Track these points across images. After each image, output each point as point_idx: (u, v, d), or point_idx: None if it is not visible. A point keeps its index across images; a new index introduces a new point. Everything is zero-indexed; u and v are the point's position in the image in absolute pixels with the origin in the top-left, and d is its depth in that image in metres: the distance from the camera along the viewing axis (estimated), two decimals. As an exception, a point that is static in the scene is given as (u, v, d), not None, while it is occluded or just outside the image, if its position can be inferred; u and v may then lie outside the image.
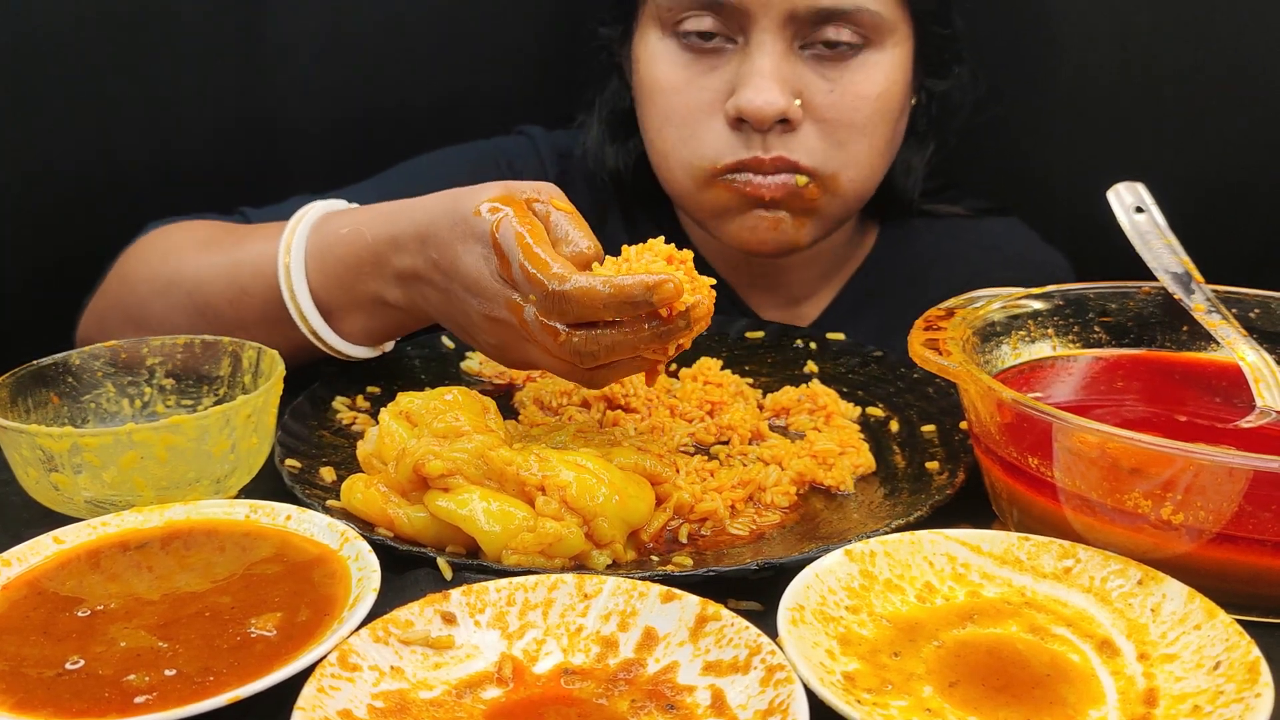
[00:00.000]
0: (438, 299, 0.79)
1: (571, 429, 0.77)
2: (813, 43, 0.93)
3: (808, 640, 0.56)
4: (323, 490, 0.75)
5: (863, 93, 0.95)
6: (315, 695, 0.52)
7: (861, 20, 0.93)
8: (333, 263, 0.83)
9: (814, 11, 0.91)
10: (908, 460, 0.81)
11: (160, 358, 0.82)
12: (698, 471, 0.78)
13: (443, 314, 0.79)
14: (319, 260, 0.84)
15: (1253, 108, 1.16)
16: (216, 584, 0.62)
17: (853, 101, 0.94)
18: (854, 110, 0.95)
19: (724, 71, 0.94)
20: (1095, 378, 0.82)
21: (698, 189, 0.98)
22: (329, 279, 0.84)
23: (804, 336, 1.02)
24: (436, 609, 0.58)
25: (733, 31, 0.94)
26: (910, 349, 0.74)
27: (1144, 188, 0.88)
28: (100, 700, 0.53)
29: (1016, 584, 0.63)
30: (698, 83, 0.95)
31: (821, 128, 0.95)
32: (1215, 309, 0.80)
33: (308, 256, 0.84)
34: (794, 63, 0.93)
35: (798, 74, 0.93)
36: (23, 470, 0.70)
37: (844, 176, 0.97)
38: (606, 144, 1.10)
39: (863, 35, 0.94)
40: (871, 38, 0.94)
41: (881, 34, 0.95)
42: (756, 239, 0.98)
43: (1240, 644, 0.54)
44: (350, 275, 0.83)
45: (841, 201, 0.99)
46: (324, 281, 0.84)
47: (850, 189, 0.98)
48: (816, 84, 0.94)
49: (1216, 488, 0.59)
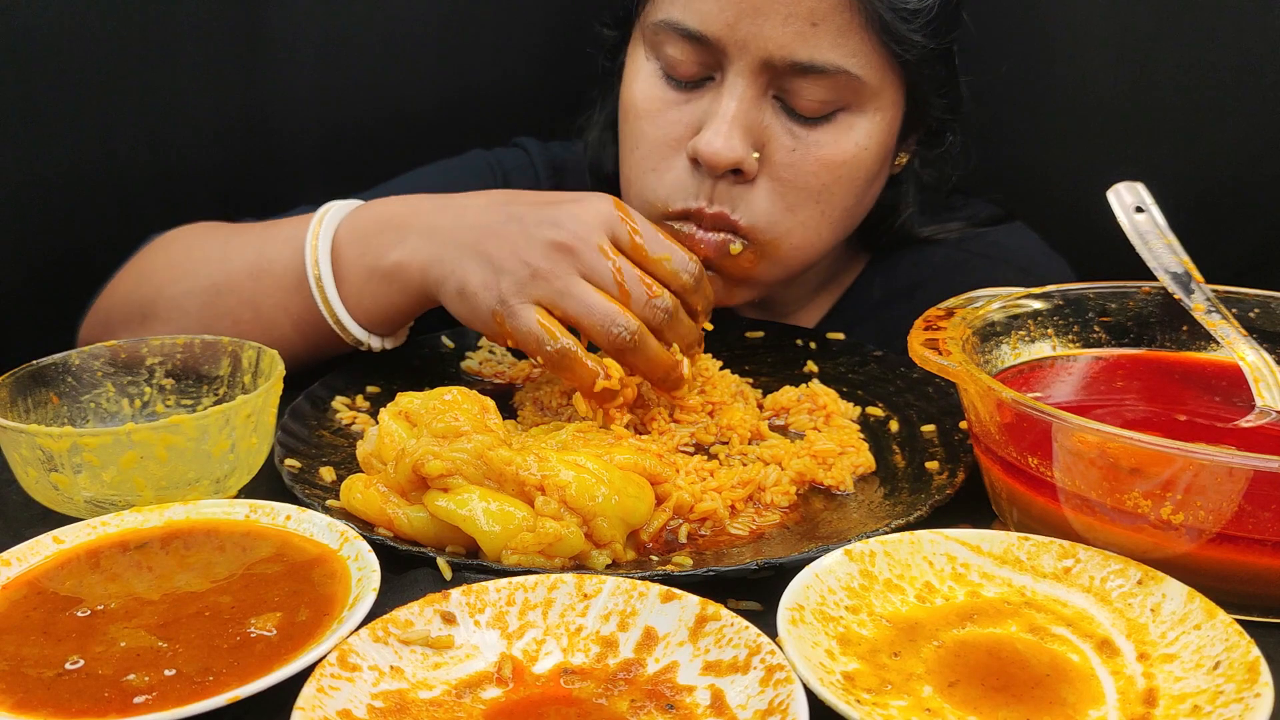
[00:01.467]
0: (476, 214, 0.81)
1: (571, 429, 0.77)
2: (786, 96, 0.88)
3: (807, 640, 0.56)
4: (322, 490, 0.75)
5: (826, 158, 0.89)
6: (315, 695, 0.52)
7: (839, 82, 0.87)
8: (367, 222, 0.86)
9: (789, 64, 0.85)
10: (908, 460, 0.81)
11: (160, 358, 0.82)
12: (697, 471, 0.78)
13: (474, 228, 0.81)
14: (349, 229, 0.86)
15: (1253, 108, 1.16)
16: (216, 584, 0.62)
17: (813, 166, 0.89)
18: (812, 175, 0.89)
19: (697, 106, 0.90)
20: (1095, 377, 0.82)
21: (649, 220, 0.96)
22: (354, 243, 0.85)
23: (804, 336, 1.02)
24: (436, 609, 0.58)
25: (710, 68, 0.89)
26: (910, 349, 0.74)
27: (1144, 188, 0.88)
28: (100, 700, 0.53)
29: (1016, 584, 0.63)
30: (671, 113, 0.91)
31: (774, 186, 0.90)
32: (1215, 309, 0.80)
33: (338, 232, 0.86)
34: (763, 111, 0.88)
35: (764, 124, 0.88)
36: (23, 470, 0.70)
37: (786, 243, 0.92)
38: (609, 145, 1.09)
39: (838, 97, 0.88)
40: (850, 100, 0.88)
41: (862, 98, 0.88)
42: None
43: (1240, 644, 0.54)
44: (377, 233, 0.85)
45: (781, 267, 0.94)
46: (347, 249, 0.86)
47: (791, 256, 0.93)
48: (780, 139, 0.89)
49: (1216, 487, 0.59)
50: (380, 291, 0.85)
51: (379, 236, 0.85)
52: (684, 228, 0.91)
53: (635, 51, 0.96)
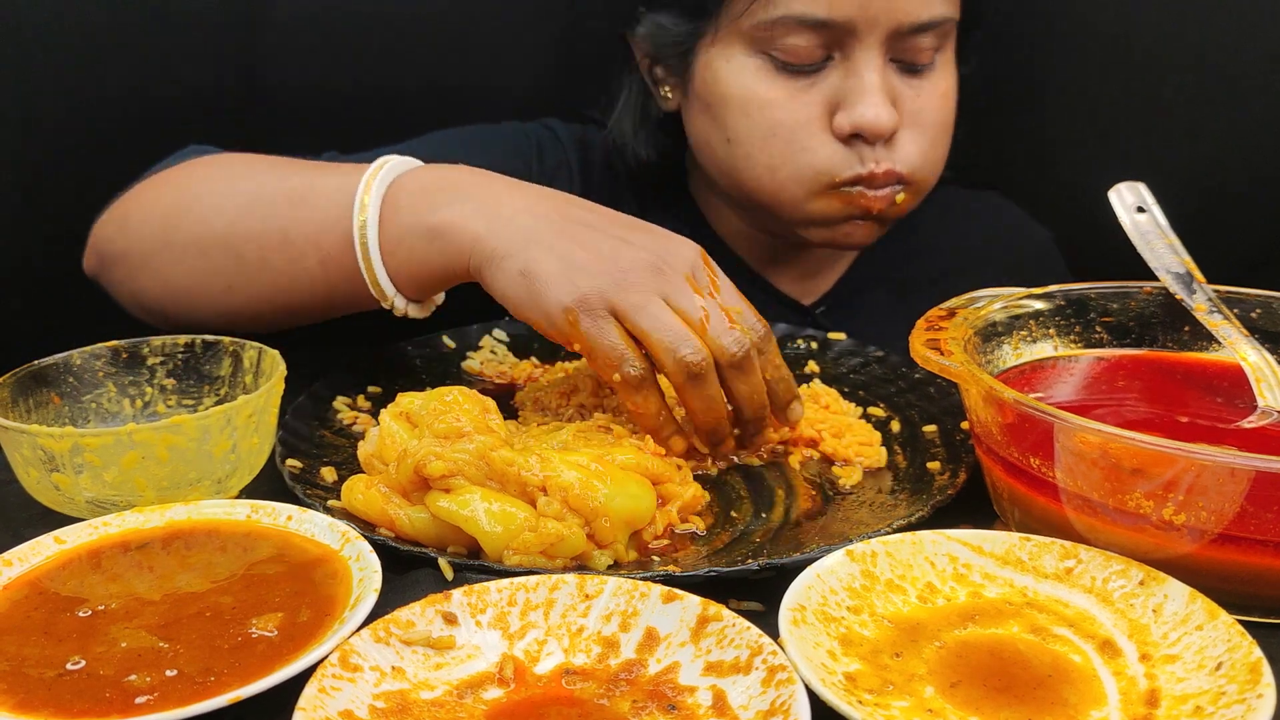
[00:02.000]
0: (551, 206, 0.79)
1: (572, 428, 0.77)
2: (902, 55, 0.96)
3: (809, 641, 0.56)
4: (324, 490, 0.75)
5: (940, 93, 0.99)
6: (316, 695, 0.52)
7: (945, 29, 0.97)
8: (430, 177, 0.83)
9: (915, 25, 0.94)
10: (909, 460, 0.81)
11: (161, 358, 0.82)
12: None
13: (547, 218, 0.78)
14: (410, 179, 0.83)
15: (1253, 107, 1.16)
16: (217, 584, 0.62)
17: (936, 103, 0.99)
18: (938, 111, 0.99)
19: (823, 88, 0.96)
20: (1097, 378, 0.82)
21: (806, 199, 0.98)
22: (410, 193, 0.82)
23: (805, 336, 1.02)
24: (438, 609, 0.58)
25: (831, 49, 0.95)
26: (911, 349, 0.74)
27: (1145, 187, 0.88)
28: (101, 700, 0.53)
29: (1018, 584, 0.63)
30: (800, 98, 0.96)
31: (914, 133, 0.98)
32: (1217, 309, 0.80)
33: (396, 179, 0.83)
34: (889, 75, 0.96)
35: (892, 85, 0.96)
36: (24, 470, 0.70)
37: (933, 177, 1.02)
38: (639, 129, 1.10)
39: (940, 42, 0.97)
40: (944, 42, 0.98)
41: (949, 37, 0.99)
42: (849, 242, 1.02)
43: (1242, 645, 0.54)
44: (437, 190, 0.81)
45: (922, 198, 1.03)
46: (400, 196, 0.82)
47: (930, 187, 1.03)
48: (905, 93, 0.97)
49: (1218, 488, 0.59)
50: (419, 246, 0.80)
51: (437, 194, 0.81)
52: (856, 189, 0.97)
53: (728, 51, 0.98)
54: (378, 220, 0.81)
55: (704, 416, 0.76)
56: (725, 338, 0.75)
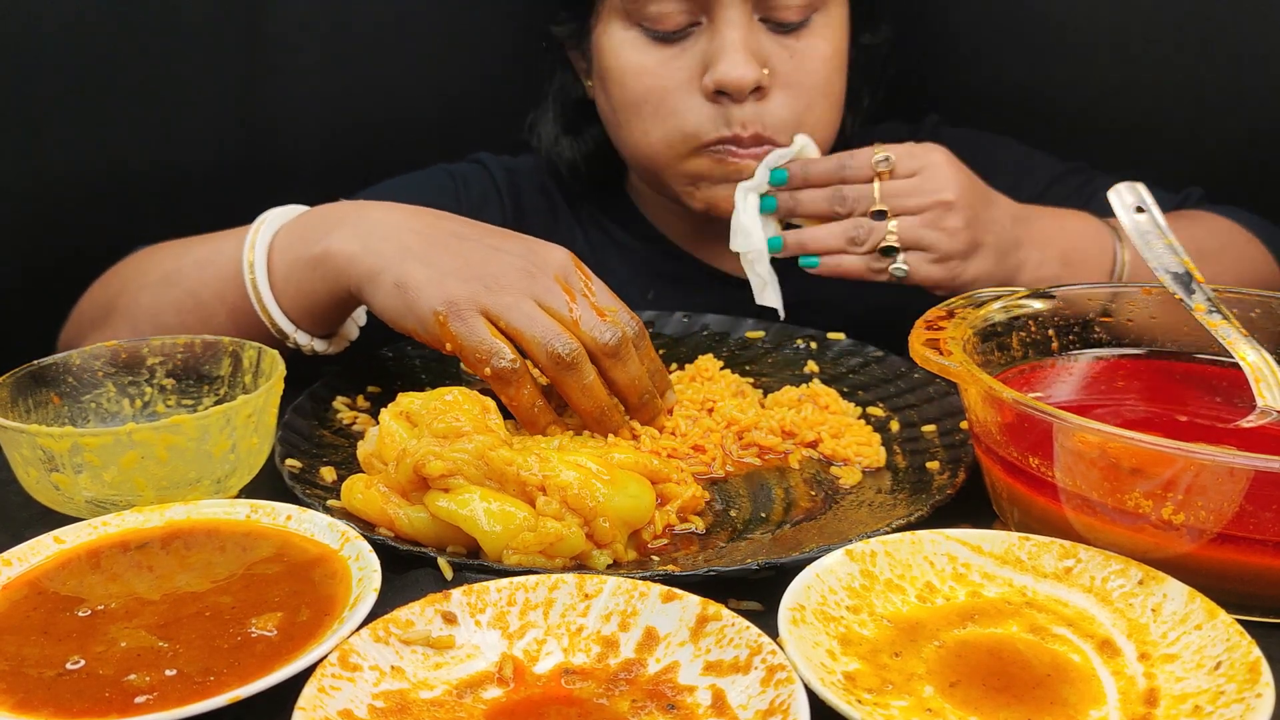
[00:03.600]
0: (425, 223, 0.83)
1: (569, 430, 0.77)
2: (771, 14, 0.98)
3: (808, 640, 0.56)
4: (323, 490, 0.75)
5: (819, 54, 1.00)
6: (316, 695, 0.52)
7: None
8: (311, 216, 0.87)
9: None
10: (908, 460, 0.81)
11: (160, 357, 0.82)
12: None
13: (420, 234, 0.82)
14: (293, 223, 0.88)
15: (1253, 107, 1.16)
16: (217, 584, 0.62)
17: (812, 65, 1.00)
18: (814, 73, 1.00)
19: (692, 52, 0.99)
20: (1096, 378, 0.82)
21: (677, 160, 1.02)
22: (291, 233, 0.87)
23: (804, 336, 1.02)
24: (437, 609, 0.58)
25: (695, 14, 0.98)
26: (911, 349, 0.74)
27: (1144, 188, 0.88)
28: (101, 700, 0.53)
29: (1017, 584, 0.63)
30: (669, 65, 0.99)
31: (787, 94, 0.99)
32: (1216, 309, 0.80)
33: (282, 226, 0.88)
34: (757, 34, 0.98)
35: (761, 45, 0.98)
36: (23, 470, 0.70)
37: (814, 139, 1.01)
38: (562, 136, 1.16)
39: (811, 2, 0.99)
40: (818, 2, 0.99)
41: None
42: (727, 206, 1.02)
43: (1241, 644, 0.54)
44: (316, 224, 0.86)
45: None
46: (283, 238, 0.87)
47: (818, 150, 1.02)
48: (778, 53, 0.98)
49: (1217, 488, 0.59)
50: (304, 278, 0.85)
51: (316, 227, 0.86)
52: (722, 149, 0.99)
53: (608, 28, 1.03)
54: (265, 265, 0.86)
55: (585, 405, 0.79)
56: (597, 330, 0.79)
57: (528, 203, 1.17)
